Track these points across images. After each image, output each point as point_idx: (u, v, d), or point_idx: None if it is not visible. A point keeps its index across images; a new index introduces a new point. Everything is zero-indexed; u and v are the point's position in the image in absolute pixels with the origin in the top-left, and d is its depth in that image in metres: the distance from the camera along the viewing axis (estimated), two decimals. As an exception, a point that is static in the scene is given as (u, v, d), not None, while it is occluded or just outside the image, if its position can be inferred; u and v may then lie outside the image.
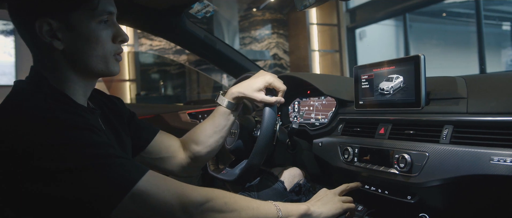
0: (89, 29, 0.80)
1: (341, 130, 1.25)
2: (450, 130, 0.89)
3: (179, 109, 2.40)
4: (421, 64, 0.98)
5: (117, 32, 0.86)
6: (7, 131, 0.67)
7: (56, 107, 0.71)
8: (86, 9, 0.79)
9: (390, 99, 1.07)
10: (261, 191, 1.17)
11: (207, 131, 1.13)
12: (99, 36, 0.82)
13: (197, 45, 1.64)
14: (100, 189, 0.67)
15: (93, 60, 0.82)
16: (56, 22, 0.77)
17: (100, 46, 0.82)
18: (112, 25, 0.85)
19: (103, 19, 0.82)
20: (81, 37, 0.80)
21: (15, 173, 0.66)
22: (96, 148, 0.69)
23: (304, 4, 1.10)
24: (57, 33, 0.78)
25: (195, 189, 0.78)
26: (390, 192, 1.05)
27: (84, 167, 0.66)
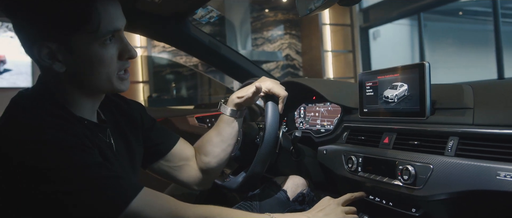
0: (91, 51, 0.76)
1: (345, 138, 1.22)
2: (455, 142, 0.86)
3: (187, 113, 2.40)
4: (426, 72, 0.94)
5: (124, 49, 0.81)
6: (3, 149, 0.67)
7: (51, 126, 0.70)
8: (87, 31, 0.75)
9: (395, 108, 1.04)
10: (263, 201, 1.15)
11: (213, 141, 1.12)
12: (102, 57, 0.78)
13: (202, 51, 1.63)
14: (93, 210, 0.67)
15: (96, 81, 0.80)
16: (56, 45, 0.75)
17: (103, 67, 0.79)
18: (118, 42, 0.81)
19: (106, 40, 0.77)
20: (83, 60, 0.77)
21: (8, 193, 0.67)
22: (88, 169, 0.68)
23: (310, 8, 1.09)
24: (57, 55, 0.75)
25: (189, 208, 0.77)
26: (394, 203, 1.01)
27: (75, 190, 0.66)
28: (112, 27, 0.77)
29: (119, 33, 0.80)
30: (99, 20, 0.75)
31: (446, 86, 1.03)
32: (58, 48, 0.75)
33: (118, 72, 0.82)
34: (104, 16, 0.75)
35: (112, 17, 0.77)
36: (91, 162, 0.70)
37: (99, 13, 0.75)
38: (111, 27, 0.77)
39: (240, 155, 1.24)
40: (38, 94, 0.79)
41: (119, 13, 0.80)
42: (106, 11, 0.76)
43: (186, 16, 1.45)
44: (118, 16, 0.79)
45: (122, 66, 0.82)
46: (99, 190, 0.68)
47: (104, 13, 0.75)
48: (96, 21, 0.74)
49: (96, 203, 0.67)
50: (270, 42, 7.45)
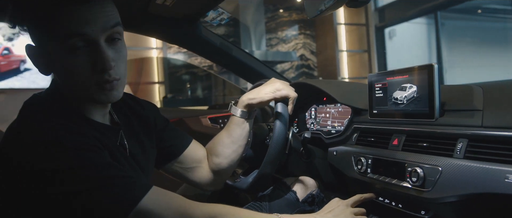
0: (61, 59, 0.75)
1: (355, 139, 1.22)
2: (464, 144, 0.85)
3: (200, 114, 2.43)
4: (435, 74, 0.93)
5: (95, 59, 0.75)
6: (13, 152, 0.70)
7: (60, 127, 0.71)
8: (54, 37, 0.73)
9: (404, 109, 1.04)
10: (273, 201, 1.16)
11: (224, 142, 1.13)
12: (72, 66, 0.75)
13: (213, 52, 1.65)
14: (103, 210, 0.69)
15: (75, 90, 0.79)
16: (37, 48, 0.77)
17: (76, 76, 0.76)
18: (92, 51, 0.75)
19: (74, 46, 0.73)
20: (58, 67, 0.77)
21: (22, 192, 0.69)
22: (97, 169, 0.70)
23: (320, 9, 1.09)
24: (39, 58, 0.78)
25: (198, 206, 0.78)
26: (403, 205, 1.01)
27: (85, 189, 0.68)
28: (77, 31, 0.73)
29: (92, 40, 0.75)
30: (63, 24, 0.72)
31: (456, 87, 1.02)
32: (38, 52, 0.78)
33: (97, 83, 0.77)
34: (68, 22, 0.72)
35: (80, 22, 0.73)
36: (100, 162, 0.72)
37: (63, 16, 0.72)
38: (76, 31, 0.72)
39: (251, 156, 1.25)
40: (51, 97, 0.82)
41: (92, 18, 0.74)
42: (73, 18, 0.72)
43: (197, 19, 1.47)
44: (90, 21, 0.73)
45: (99, 78, 0.76)
46: (108, 189, 0.69)
47: (70, 20, 0.72)
48: (59, 26, 0.72)
49: (106, 202, 0.69)
50: (285, 42, 7.44)
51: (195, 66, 6.43)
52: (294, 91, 1.12)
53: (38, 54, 0.78)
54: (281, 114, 1.09)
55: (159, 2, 1.26)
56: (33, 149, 0.68)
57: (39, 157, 0.67)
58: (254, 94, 1.11)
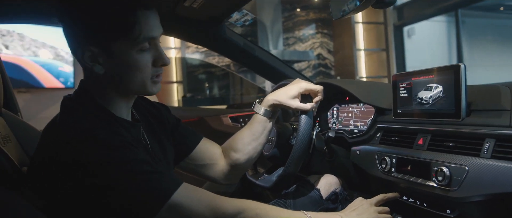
0: (129, 57, 0.82)
1: (379, 138, 1.23)
2: (491, 144, 0.86)
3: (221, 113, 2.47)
4: (462, 74, 0.94)
5: (159, 56, 0.86)
6: (55, 150, 0.74)
7: (96, 125, 0.76)
8: (128, 38, 0.80)
9: (429, 109, 1.05)
10: (297, 199, 1.18)
11: (245, 139, 1.15)
12: (139, 63, 0.83)
13: (237, 53, 1.68)
14: (138, 203, 0.73)
15: (132, 84, 0.86)
16: (98, 49, 0.81)
17: (139, 72, 0.84)
18: (154, 49, 0.86)
19: (143, 48, 0.83)
20: (121, 64, 0.83)
21: (62, 187, 0.73)
22: (132, 165, 0.74)
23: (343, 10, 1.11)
24: (98, 58, 0.81)
25: (227, 201, 0.81)
26: (428, 205, 1.02)
27: (122, 184, 0.72)
28: (150, 36, 0.82)
29: (155, 41, 0.85)
30: (140, 30, 0.80)
31: (483, 87, 1.03)
32: (99, 52, 0.81)
33: (152, 77, 0.87)
34: (144, 26, 0.81)
35: (151, 26, 0.82)
36: (136, 158, 0.76)
37: (140, 22, 0.80)
38: (149, 35, 0.82)
39: (275, 155, 1.27)
40: (81, 98, 0.86)
41: (157, 23, 0.85)
42: (146, 21, 0.81)
43: (222, 20, 1.50)
44: (156, 25, 0.84)
45: (155, 71, 0.87)
46: (143, 184, 0.74)
47: (144, 23, 0.81)
48: (136, 30, 0.80)
49: (140, 196, 0.73)
50: (302, 42, 7.42)
51: (213, 66, 6.49)
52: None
53: (99, 57, 0.82)
54: (306, 113, 1.11)
55: (187, 5, 1.29)
56: (73, 146, 0.72)
57: (79, 153, 0.72)
58: (279, 94, 1.13)
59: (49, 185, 0.76)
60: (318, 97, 1.12)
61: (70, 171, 0.72)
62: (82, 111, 0.81)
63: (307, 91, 1.12)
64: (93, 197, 0.73)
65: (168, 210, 0.74)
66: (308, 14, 7.40)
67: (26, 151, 1.07)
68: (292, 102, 1.10)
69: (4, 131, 1.03)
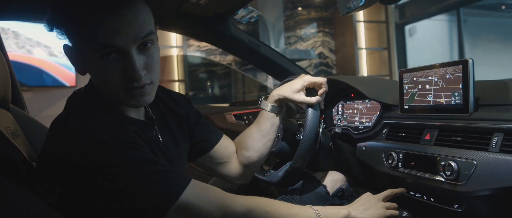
0: (95, 64, 0.77)
1: (385, 134, 1.23)
2: (500, 138, 0.86)
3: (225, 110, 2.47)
4: (470, 69, 0.95)
5: (125, 69, 0.76)
6: (63, 147, 0.73)
7: (102, 125, 0.75)
8: (86, 41, 0.75)
9: (437, 104, 1.05)
10: (303, 195, 1.19)
11: (254, 136, 1.15)
12: (104, 73, 0.77)
13: (242, 50, 1.68)
14: (147, 203, 0.72)
15: (108, 95, 0.82)
16: (73, 49, 0.79)
17: (107, 82, 0.78)
18: (123, 60, 0.76)
19: (105, 54, 0.75)
20: (93, 73, 0.81)
21: (71, 185, 0.73)
22: (140, 166, 0.73)
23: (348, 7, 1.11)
24: (76, 58, 0.80)
25: (236, 198, 0.80)
26: (436, 199, 1.02)
27: (130, 185, 0.71)
28: (109, 42, 0.73)
29: (125, 51, 0.75)
30: (96, 36, 0.73)
31: (490, 82, 1.03)
32: (74, 53, 0.80)
33: (125, 90, 0.79)
34: (101, 32, 0.73)
35: (111, 33, 0.73)
36: (144, 158, 0.75)
37: (96, 30, 0.73)
38: (108, 42, 0.73)
39: (281, 151, 1.28)
40: (89, 95, 0.85)
41: (122, 29, 0.74)
42: (105, 28, 0.73)
43: (227, 17, 1.50)
44: (121, 32, 0.74)
45: (129, 84, 0.78)
46: (152, 184, 0.72)
47: (102, 30, 0.73)
48: (91, 37, 0.73)
49: (150, 196, 0.72)
50: (303, 40, 7.43)
51: (215, 64, 6.49)
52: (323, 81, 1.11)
53: (74, 54, 0.81)
54: (312, 110, 1.12)
55: (193, 1, 1.29)
56: (79, 147, 0.71)
57: (84, 155, 0.71)
58: (284, 89, 1.13)
59: (57, 183, 0.75)
60: (323, 89, 1.11)
61: (76, 172, 0.71)
62: (89, 109, 0.80)
63: (311, 84, 1.12)
64: (100, 197, 0.72)
65: (177, 209, 0.73)
66: (310, 13, 7.41)
67: (34, 147, 1.07)
68: (297, 96, 1.10)
69: (12, 126, 1.04)
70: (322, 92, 1.12)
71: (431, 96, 1.07)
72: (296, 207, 0.92)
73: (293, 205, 0.94)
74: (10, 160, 0.82)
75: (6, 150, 0.82)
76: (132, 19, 0.75)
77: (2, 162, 0.81)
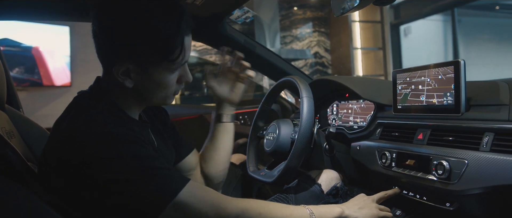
0: (162, 77, 0.84)
1: (379, 134, 1.25)
2: (490, 137, 0.88)
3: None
4: (461, 70, 0.96)
5: (184, 74, 0.89)
6: (67, 143, 0.75)
7: (110, 121, 0.77)
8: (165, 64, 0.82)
9: (429, 104, 1.06)
10: (298, 194, 1.20)
11: (210, 152, 1.21)
12: (167, 82, 0.85)
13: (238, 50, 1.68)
14: (146, 198, 0.73)
15: (155, 98, 0.88)
16: (134, 66, 0.81)
17: (165, 89, 0.87)
18: (182, 69, 0.88)
19: (176, 68, 0.85)
20: (152, 82, 0.84)
21: (73, 181, 0.74)
22: (143, 160, 0.75)
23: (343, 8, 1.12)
24: (131, 74, 0.82)
25: (230, 200, 0.82)
26: (428, 198, 1.04)
27: (132, 178, 0.73)
28: (185, 61, 0.85)
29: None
30: (183, 56, 0.83)
31: (481, 83, 1.05)
32: (134, 69, 0.81)
33: (174, 92, 0.90)
34: (186, 52, 0.84)
35: (189, 50, 0.85)
36: (147, 154, 0.77)
37: (184, 49, 0.82)
38: (184, 60, 0.85)
39: (276, 150, 1.29)
40: (97, 95, 0.87)
41: (190, 46, 0.86)
42: (188, 48, 0.84)
43: (223, 17, 1.51)
44: (190, 48, 0.87)
45: (178, 88, 0.90)
46: (153, 179, 0.74)
47: (187, 49, 0.84)
48: (180, 57, 0.82)
49: (148, 192, 0.74)
50: (299, 40, 7.45)
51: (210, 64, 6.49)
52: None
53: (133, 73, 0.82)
54: (307, 109, 1.13)
55: (189, 1, 1.30)
56: (87, 140, 0.73)
57: (93, 147, 0.72)
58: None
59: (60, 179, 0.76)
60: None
61: (81, 164, 0.72)
62: (97, 108, 0.81)
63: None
64: (103, 191, 0.73)
65: (173, 207, 0.74)
66: (305, 12, 7.42)
67: (29, 147, 1.08)
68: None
69: (8, 126, 1.04)
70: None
71: (423, 96, 1.08)
72: (290, 207, 0.93)
73: (286, 206, 0.95)
74: (7, 160, 0.83)
75: (3, 150, 0.83)
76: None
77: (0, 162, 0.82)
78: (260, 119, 1.48)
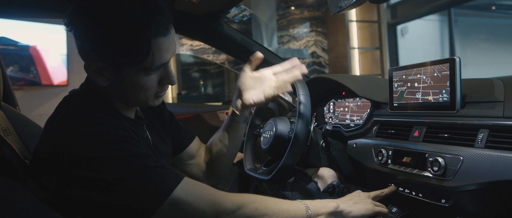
0: (136, 79, 0.81)
1: (375, 132, 1.25)
2: (485, 134, 0.88)
3: (217, 109, 2.48)
4: (457, 67, 0.97)
5: (166, 77, 0.85)
6: (58, 142, 0.74)
7: (101, 120, 0.76)
8: (138, 66, 0.79)
9: (425, 102, 1.07)
10: (294, 191, 1.20)
11: (223, 141, 1.19)
12: (145, 84, 0.82)
13: (235, 48, 1.69)
14: (140, 197, 0.73)
15: (133, 100, 0.86)
16: (105, 65, 0.79)
17: (143, 91, 0.84)
18: (162, 70, 0.84)
19: (152, 69, 0.81)
20: (126, 83, 0.82)
21: (64, 179, 0.74)
22: (134, 159, 0.74)
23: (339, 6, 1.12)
24: (103, 72, 0.80)
25: (226, 196, 0.82)
26: (424, 195, 1.04)
27: (124, 178, 0.72)
28: (160, 63, 0.81)
29: (166, 63, 0.84)
30: (152, 60, 0.78)
31: (476, 81, 1.05)
32: (106, 67, 0.80)
33: (156, 94, 0.87)
34: (157, 55, 0.79)
35: (163, 52, 0.80)
36: (140, 153, 0.77)
37: (154, 53, 0.78)
38: (159, 62, 0.80)
39: (273, 147, 1.29)
40: (88, 93, 0.87)
41: (170, 46, 0.81)
42: (160, 50, 0.79)
43: (220, 15, 1.51)
44: (170, 50, 0.81)
45: (160, 89, 0.87)
46: (146, 178, 0.74)
47: (158, 52, 0.78)
48: (148, 61, 0.78)
49: (143, 190, 0.73)
50: (296, 40, 7.45)
51: (208, 63, 6.49)
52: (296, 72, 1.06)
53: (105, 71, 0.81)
54: (303, 106, 1.13)
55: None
56: (76, 140, 0.73)
57: (82, 147, 0.72)
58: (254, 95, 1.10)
59: (52, 178, 0.76)
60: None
61: (73, 165, 0.72)
62: (88, 106, 0.81)
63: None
64: (95, 190, 0.73)
65: (169, 205, 0.74)
66: (303, 12, 7.43)
67: (25, 144, 1.07)
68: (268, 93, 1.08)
69: (4, 124, 1.04)
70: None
71: (419, 94, 1.09)
72: (286, 202, 0.93)
73: (283, 200, 0.95)
74: (4, 157, 0.83)
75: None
76: (173, 35, 0.82)
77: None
78: (257, 117, 1.48)
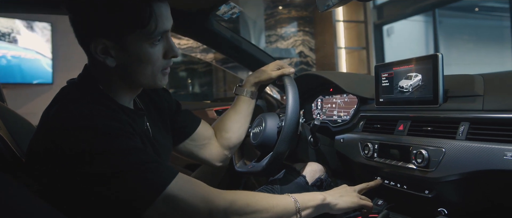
0: (142, 50, 0.83)
1: (362, 126, 1.29)
2: (466, 126, 0.92)
3: (206, 107, 2.49)
4: (439, 63, 1.01)
5: (170, 48, 0.87)
6: (53, 136, 0.74)
7: (96, 113, 0.76)
8: (143, 31, 0.80)
9: (409, 97, 1.11)
10: (283, 185, 1.23)
11: (232, 119, 1.26)
12: (151, 56, 0.84)
13: (224, 45, 1.70)
14: (134, 192, 0.73)
15: (142, 77, 0.87)
16: (111, 42, 0.81)
17: (150, 64, 0.85)
18: (165, 42, 0.86)
19: (156, 40, 0.83)
20: (133, 57, 0.83)
21: (59, 173, 0.74)
22: (129, 154, 0.74)
23: (327, 4, 1.15)
24: (110, 51, 0.81)
25: (219, 193, 0.83)
26: (408, 186, 1.08)
27: (118, 172, 0.72)
28: (163, 29, 0.83)
29: (167, 33, 0.86)
30: (156, 23, 0.80)
31: (458, 76, 1.09)
32: (112, 45, 0.81)
33: (162, 69, 0.88)
34: (159, 19, 0.81)
35: (164, 19, 0.83)
36: (134, 147, 0.76)
37: (156, 15, 0.80)
38: (162, 28, 0.83)
39: (263, 142, 1.31)
40: (85, 84, 0.87)
41: (169, 15, 0.85)
42: (161, 14, 0.82)
43: (210, 12, 1.52)
44: (169, 18, 0.85)
45: (166, 64, 0.89)
46: (140, 173, 0.74)
47: (159, 16, 0.81)
48: (152, 24, 0.80)
49: (137, 185, 0.73)
50: (284, 39, 7.50)
51: (196, 62, 6.48)
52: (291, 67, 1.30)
53: (111, 51, 0.82)
54: (292, 94, 1.17)
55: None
56: (71, 133, 0.73)
57: (77, 141, 0.72)
58: (260, 72, 1.29)
59: (47, 171, 0.76)
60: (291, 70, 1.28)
61: (67, 159, 0.72)
62: (84, 98, 0.81)
63: (281, 66, 1.29)
64: (88, 184, 0.73)
65: (163, 200, 0.74)
66: (290, 12, 7.48)
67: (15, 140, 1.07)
68: (274, 73, 1.27)
69: (-6, 118, 1.04)
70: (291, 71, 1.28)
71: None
72: (275, 197, 0.95)
73: (272, 195, 0.97)
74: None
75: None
76: (168, 5, 0.86)
77: None
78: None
